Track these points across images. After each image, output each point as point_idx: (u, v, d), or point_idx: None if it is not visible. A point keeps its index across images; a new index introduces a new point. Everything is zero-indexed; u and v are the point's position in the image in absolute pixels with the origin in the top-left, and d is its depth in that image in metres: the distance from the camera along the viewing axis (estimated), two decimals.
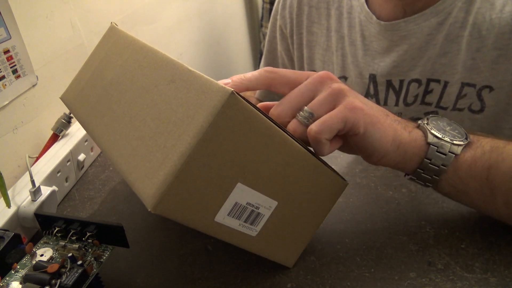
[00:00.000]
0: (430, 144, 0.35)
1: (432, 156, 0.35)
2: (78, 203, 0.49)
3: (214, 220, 0.28)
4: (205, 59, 1.21)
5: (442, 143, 0.35)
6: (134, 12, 0.80)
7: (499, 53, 0.50)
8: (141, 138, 0.28)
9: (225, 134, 0.25)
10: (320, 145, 0.32)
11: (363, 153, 0.36)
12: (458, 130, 0.37)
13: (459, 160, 0.35)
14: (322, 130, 0.31)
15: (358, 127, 0.33)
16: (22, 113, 0.51)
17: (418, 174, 0.36)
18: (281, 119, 0.34)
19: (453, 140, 0.35)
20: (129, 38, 0.36)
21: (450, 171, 0.35)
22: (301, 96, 0.34)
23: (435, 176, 0.36)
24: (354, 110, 0.32)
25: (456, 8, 0.51)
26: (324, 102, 0.33)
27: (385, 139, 0.34)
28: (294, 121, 0.33)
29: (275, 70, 0.35)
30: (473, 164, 0.35)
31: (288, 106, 0.34)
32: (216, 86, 0.25)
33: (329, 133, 0.32)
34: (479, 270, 0.35)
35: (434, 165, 0.35)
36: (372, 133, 0.34)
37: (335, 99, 0.33)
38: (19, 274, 0.32)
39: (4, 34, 0.47)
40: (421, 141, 0.36)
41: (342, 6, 0.62)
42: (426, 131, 0.36)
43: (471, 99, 0.53)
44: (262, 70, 0.35)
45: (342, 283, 0.35)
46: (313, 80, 0.34)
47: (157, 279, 0.37)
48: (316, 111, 0.32)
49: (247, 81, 0.35)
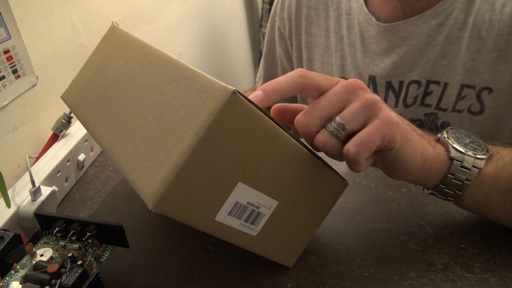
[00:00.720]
0: (453, 159, 0.34)
1: (455, 171, 0.34)
2: (78, 203, 0.48)
3: (215, 219, 0.28)
4: (205, 59, 1.21)
5: (465, 158, 0.34)
6: (134, 12, 0.80)
7: (498, 55, 0.50)
8: (142, 137, 0.28)
9: (226, 133, 0.25)
10: (359, 164, 0.31)
11: (388, 167, 0.34)
12: (478, 143, 0.36)
13: (483, 174, 0.34)
14: (360, 150, 0.30)
15: (394, 142, 0.31)
16: (22, 113, 0.51)
17: (440, 190, 0.35)
18: (309, 128, 0.32)
19: (476, 154, 0.34)
20: (130, 38, 0.36)
21: (474, 185, 0.34)
22: (332, 105, 0.31)
23: (457, 191, 0.35)
24: (391, 125, 0.30)
25: (456, 9, 0.51)
26: (357, 114, 0.31)
27: (415, 156, 0.33)
28: (324, 133, 0.31)
29: (308, 75, 0.33)
30: (495, 177, 0.34)
31: (318, 116, 0.31)
32: (218, 86, 0.25)
33: (367, 153, 0.30)
34: (479, 270, 0.35)
35: (457, 180, 0.34)
36: (405, 149, 0.32)
37: (369, 111, 0.31)
38: (19, 274, 0.32)
39: (4, 34, 0.47)
40: (444, 156, 0.34)
41: (341, 7, 0.62)
42: (448, 145, 0.35)
43: (471, 100, 0.53)
44: (295, 75, 0.33)
45: (342, 283, 0.35)
46: (344, 88, 0.32)
47: (157, 279, 0.37)
48: (349, 122, 0.31)
49: (280, 90, 0.32)
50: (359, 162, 0.30)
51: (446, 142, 0.35)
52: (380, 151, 0.32)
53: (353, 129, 0.31)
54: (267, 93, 0.31)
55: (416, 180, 0.35)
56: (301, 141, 0.31)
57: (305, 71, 0.33)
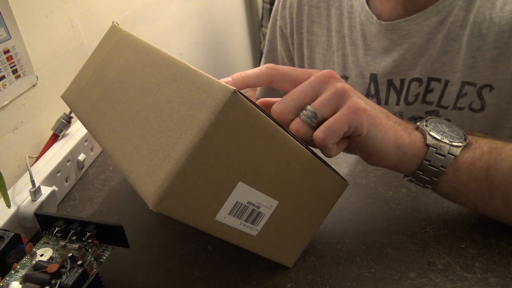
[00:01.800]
0: (429, 146, 0.35)
1: (431, 158, 0.35)
2: (78, 203, 0.48)
3: (215, 219, 0.28)
4: (205, 59, 1.21)
5: (441, 145, 0.35)
6: (134, 12, 0.80)
7: (499, 52, 0.50)
8: (143, 136, 0.28)
9: (226, 133, 0.25)
10: (327, 149, 0.32)
11: (364, 153, 0.36)
12: (457, 132, 0.37)
13: (458, 161, 0.35)
14: (327, 136, 0.31)
15: (361, 128, 0.33)
16: (22, 113, 0.51)
17: (417, 176, 0.36)
18: (283, 116, 0.33)
19: (452, 141, 0.35)
20: (131, 37, 0.36)
21: (449, 172, 0.35)
22: (304, 94, 0.33)
23: (434, 178, 0.36)
24: (357, 112, 0.32)
25: (457, 7, 0.51)
26: (328, 102, 0.32)
27: (386, 141, 0.34)
28: (297, 121, 0.33)
29: (276, 66, 0.35)
30: (472, 165, 0.35)
31: (291, 104, 0.33)
32: (218, 85, 0.25)
33: (335, 138, 0.32)
34: (479, 270, 0.35)
35: (433, 167, 0.35)
36: (374, 134, 0.34)
37: (338, 99, 0.32)
38: (19, 274, 0.31)
39: (4, 34, 0.47)
40: (420, 143, 0.36)
41: (342, 6, 0.62)
42: (425, 133, 0.36)
43: (472, 98, 0.53)
44: (263, 67, 0.35)
45: (342, 283, 0.35)
46: (317, 78, 0.34)
47: (157, 279, 0.37)
48: (320, 111, 0.32)
49: (248, 78, 0.35)
50: (327, 147, 0.32)
51: (424, 129, 0.36)
52: (351, 137, 0.34)
53: (324, 116, 0.32)
54: (234, 79, 0.34)
55: (393, 165, 0.36)
56: (301, 141, 0.31)
57: (274, 65, 0.35)
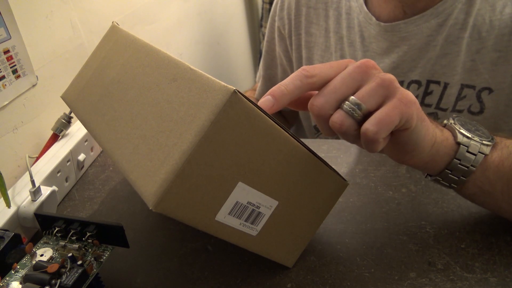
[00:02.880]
0: (460, 143, 0.34)
1: (461, 156, 0.34)
2: (78, 203, 0.48)
3: (215, 219, 0.28)
4: (205, 59, 1.21)
5: (471, 143, 0.34)
6: (134, 12, 0.80)
7: (498, 55, 0.50)
8: (143, 136, 0.28)
9: (226, 133, 0.25)
10: (377, 143, 0.30)
11: (401, 149, 0.33)
12: (483, 131, 0.36)
13: (488, 160, 0.34)
14: (380, 129, 0.29)
15: (411, 122, 0.30)
16: (22, 113, 0.51)
17: (445, 175, 0.35)
18: (324, 111, 0.31)
19: (482, 140, 0.34)
20: (131, 37, 0.36)
21: (479, 171, 0.34)
22: (346, 87, 0.31)
23: (462, 177, 0.35)
24: (409, 104, 0.30)
25: (456, 9, 0.51)
26: (374, 94, 0.30)
27: (428, 137, 0.33)
28: (340, 113, 0.30)
29: (312, 72, 0.31)
30: (500, 165, 0.34)
31: (333, 97, 0.30)
32: (218, 85, 0.25)
33: (386, 132, 0.29)
34: (479, 270, 0.35)
35: (463, 166, 0.34)
36: (420, 130, 0.32)
37: (385, 91, 0.30)
38: (19, 274, 0.31)
39: (4, 34, 0.47)
40: (451, 141, 0.34)
41: (340, 7, 0.62)
42: (455, 130, 0.35)
43: (471, 100, 0.53)
44: (301, 75, 0.31)
45: (342, 283, 0.35)
46: (358, 69, 0.31)
47: (157, 279, 0.37)
48: (366, 102, 0.30)
49: (289, 95, 0.31)
50: (378, 141, 0.30)
51: (453, 127, 0.35)
52: (396, 131, 0.31)
53: (369, 108, 0.30)
54: (277, 97, 0.30)
55: (423, 163, 0.35)
56: (301, 141, 0.31)
57: (309, 68, 0.32)
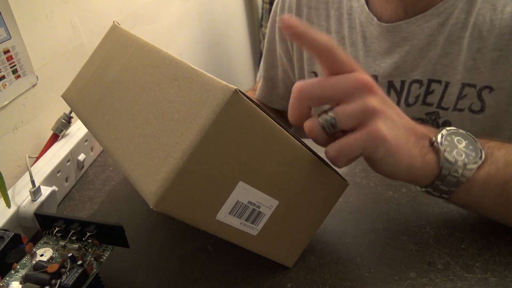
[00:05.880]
0: (441, 168, 0.34)
1: (443, 179, 0.34)
2: (78, 203, 0.48)
3: (216, 218, 0.28)
4: (205, 59, 1.21)
5: (455, 168, 0.34)
6: (134, 12, 0.80)
7: (499, 54, 0.50)
8: (144, 136, 0.28)
9: (227, 132, 0.25)
10: (338, 165, 0.32)
11: (372, 166, 0.34)
12: (473, 146, 0.35)
13: (472, 179, 0.34)
14: (339, 156, 0.31)
15: (375, 155, 0.31)
16: (22, 113, 0.51)
17: (428, 192, 0.36)
18: (302, 93, 0.31)
19: (467, 163, 0.34)
20: (132, 37, 0.36)
21: (462, 191, 0.35)
22: (334, 91, 0.31)
23: (444, 195, 0.35)
24: (375, 140, 0.30)
25: (457, 9, 0.51)
26: (352, 116, 0.30)
27: (399, 165, 0.33)
28: (314, 121, 0.31)
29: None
30: (486, 182, 0.34)
31: (317, 92, 0.31)
32: (219, 84, 0.25)
33: (345, 159, 0.31)
34: (479, 270, 0.35)
35: (445, 186, 0.34)
36: (387, 160, 0.32)
37: (363, 117, 0.30)
38: (19, 274, 0.31)
39: (4, 34, 0.47)
40: (433, 165, 0.34)
41: (341, 7, 0.62)
42: (440, 153, 0.34)
43: (472, 99, 0.53)
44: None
45: (342, 283, 0.35)
46: (354, 82, 0.31)
47: (157, 279, 0.37)
48: (341, 121, 0.31)
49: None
50: (336, 164, 0.32)
51: (438, 149, 0.34)
52: (365, 156, 0.33)
53: (342, 128, 0.31)
54: None
55: (405, 181, 0.35)
56: (302, 140, 0.31)
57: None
